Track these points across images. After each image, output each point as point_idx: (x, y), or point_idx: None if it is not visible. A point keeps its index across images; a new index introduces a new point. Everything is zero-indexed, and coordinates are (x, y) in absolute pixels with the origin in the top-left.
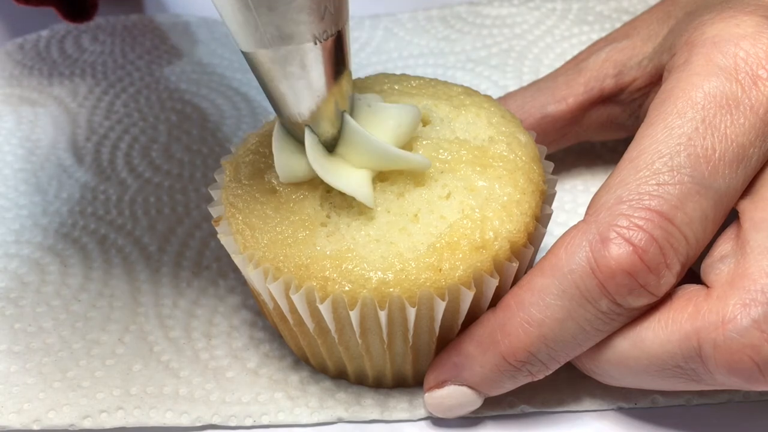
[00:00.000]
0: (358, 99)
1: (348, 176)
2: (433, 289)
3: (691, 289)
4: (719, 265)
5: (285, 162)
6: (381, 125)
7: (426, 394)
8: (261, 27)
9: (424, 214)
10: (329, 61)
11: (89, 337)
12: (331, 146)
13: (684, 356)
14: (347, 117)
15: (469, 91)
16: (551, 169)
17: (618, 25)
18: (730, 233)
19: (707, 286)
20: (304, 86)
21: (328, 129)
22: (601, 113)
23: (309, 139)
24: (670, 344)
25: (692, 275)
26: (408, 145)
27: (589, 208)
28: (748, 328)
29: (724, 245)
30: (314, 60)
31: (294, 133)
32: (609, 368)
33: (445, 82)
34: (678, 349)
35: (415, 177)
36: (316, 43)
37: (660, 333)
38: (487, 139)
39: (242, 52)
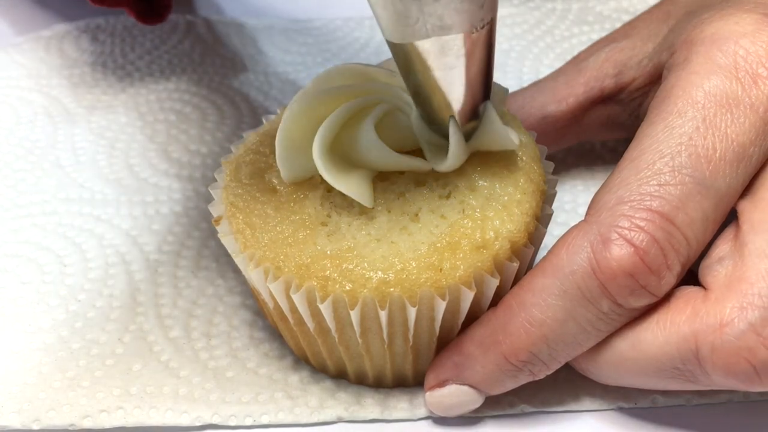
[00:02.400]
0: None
1: (347, 176)
2: (433, 288)
3: (689, 290)
4: (717, 267)
5: (289, 158)
6: (394, 133)
7: (427, 393)
8: (423, 17)
9: (424, 213)
10: (484, 49)
11: (89, 336)
12: (469, 136)
13: (681, 358)
14: (490, 107)
15: None
16: (551, 169)
17: (618, 24)
18: (728, 234)
19: (705, 288)
20: (458, 76)
21: (469, 119)
22: (601, 113)
23: (454, 131)
24: (668, 346)
25: (691, 275)
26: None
27: (589, 208)
28: (744, 331)
29: (722, 246)
30: (471, 49)
31: (435, 125)
32: (607, 369)
33: None
34: (676, 351)
35: (416, 176)
36: (473, 32)
37: (658, 335)
38: None
39: (390, 43)
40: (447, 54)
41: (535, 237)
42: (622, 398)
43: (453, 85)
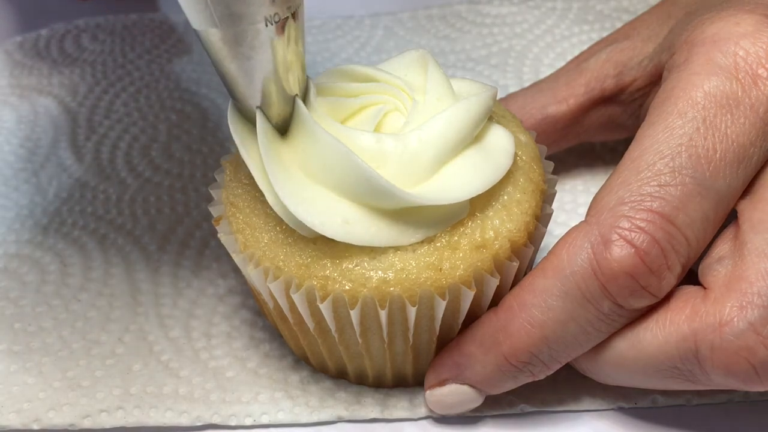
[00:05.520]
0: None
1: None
2: (433, 288)
3: (689, 290)
4: (717, 267)
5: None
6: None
7: (427, 392)
8: (210, 5)
9: None
10: (281, 43)
11: (89, 336)
12: (283, 130)
13: (681, 357)
14: (298, 102)
15: None
16: (551, 169)
17: (618, 24)
18: (728, 234)
19: (704, 288)
20: (255, 67)
21: (279, 112)
22: (601, 114)
23: (260, 121)
24: (667, 345)
25: (691, 274)
26: None
27: (590, 208)
28: (744, 330)
29: (722, 246)
30: (265, 42)
31: (247, 116)
32: (606, 368)
33: None
34: (675, 350)
35: None
36: (267, 25)
37: (658, 334)
38: None
39: (194, 30)
40: (241, 44)
41: (535, 236)
42: (622, 398)
43: (253, 75)
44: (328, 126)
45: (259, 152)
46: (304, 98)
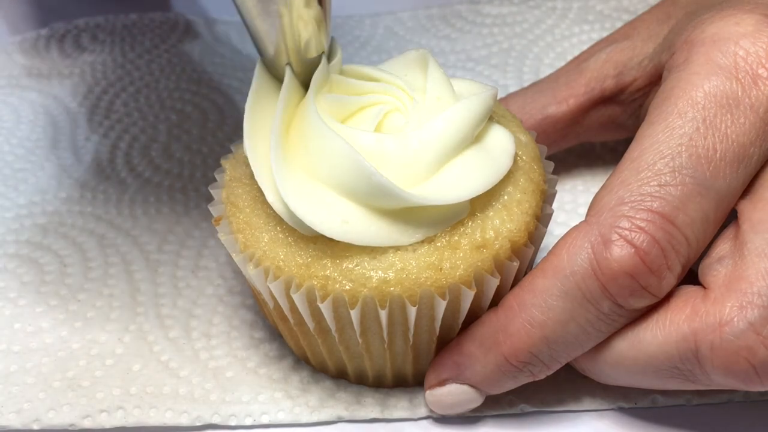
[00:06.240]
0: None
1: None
2: (433, 288)
3: (689, 290)
4: (717, 267)
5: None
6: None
7: (427, 392)
8: None
9: None
10: (312, 1)
11: (89, 336)
12: (308, 86)
13: (681, 357)
14: (324, 59)
15: None
16: (551, 169)
17: (618, 24)
18: (728, 233)
19: (704, 287)
20: (285, 25)
21: (306, 68)
22: (601, 114)
23: (288, 77)
24: (667, 345)
25: (691, 274)
26: None
27: (590, 208)
28: (744, 330)
29: (722, 246)
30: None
31: (274, 72)
32: (606, 368)
33: None
34: (675, 350)
35: None
36: None
37: (658, 334)
38: None
39: None
40: (274, 1)
41: (535, 236)
42: (622, 398)
43: (284, 33)
44: (329, 125)
45: (267, 116)
46: (330, 56)
